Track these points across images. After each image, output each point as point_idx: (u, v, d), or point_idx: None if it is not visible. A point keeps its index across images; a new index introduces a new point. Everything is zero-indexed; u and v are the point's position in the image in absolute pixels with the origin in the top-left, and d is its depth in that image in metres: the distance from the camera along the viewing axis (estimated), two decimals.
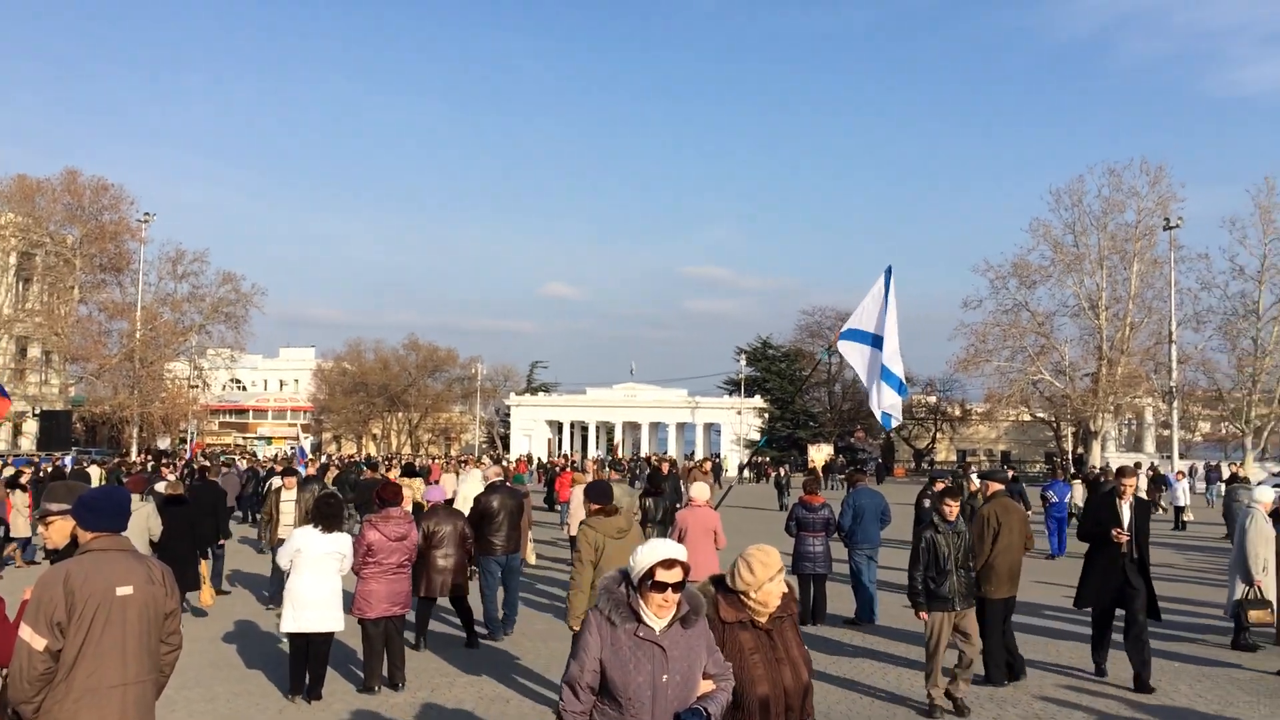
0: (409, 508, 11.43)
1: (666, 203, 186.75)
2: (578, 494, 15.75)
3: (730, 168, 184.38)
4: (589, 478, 19.01)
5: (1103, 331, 54.88)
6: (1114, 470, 9.43)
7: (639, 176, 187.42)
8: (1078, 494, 24.27)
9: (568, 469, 30.91)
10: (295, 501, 14.53)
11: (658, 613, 3.76)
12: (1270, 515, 11.16)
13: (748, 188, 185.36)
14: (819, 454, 65.51)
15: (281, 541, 12.09)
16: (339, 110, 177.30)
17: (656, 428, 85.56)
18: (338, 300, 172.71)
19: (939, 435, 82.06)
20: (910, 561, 8.70)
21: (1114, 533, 9.30)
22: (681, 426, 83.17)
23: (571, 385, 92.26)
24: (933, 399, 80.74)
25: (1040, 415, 66.38)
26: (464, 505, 13.61)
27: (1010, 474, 25.22)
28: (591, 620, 3.82)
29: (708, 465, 23.51)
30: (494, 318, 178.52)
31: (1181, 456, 51.22)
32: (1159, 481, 33.59)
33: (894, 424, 12.53)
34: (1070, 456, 60.87)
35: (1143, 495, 9.87)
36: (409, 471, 20.04)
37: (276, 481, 15.86)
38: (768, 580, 4.13)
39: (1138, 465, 27.61)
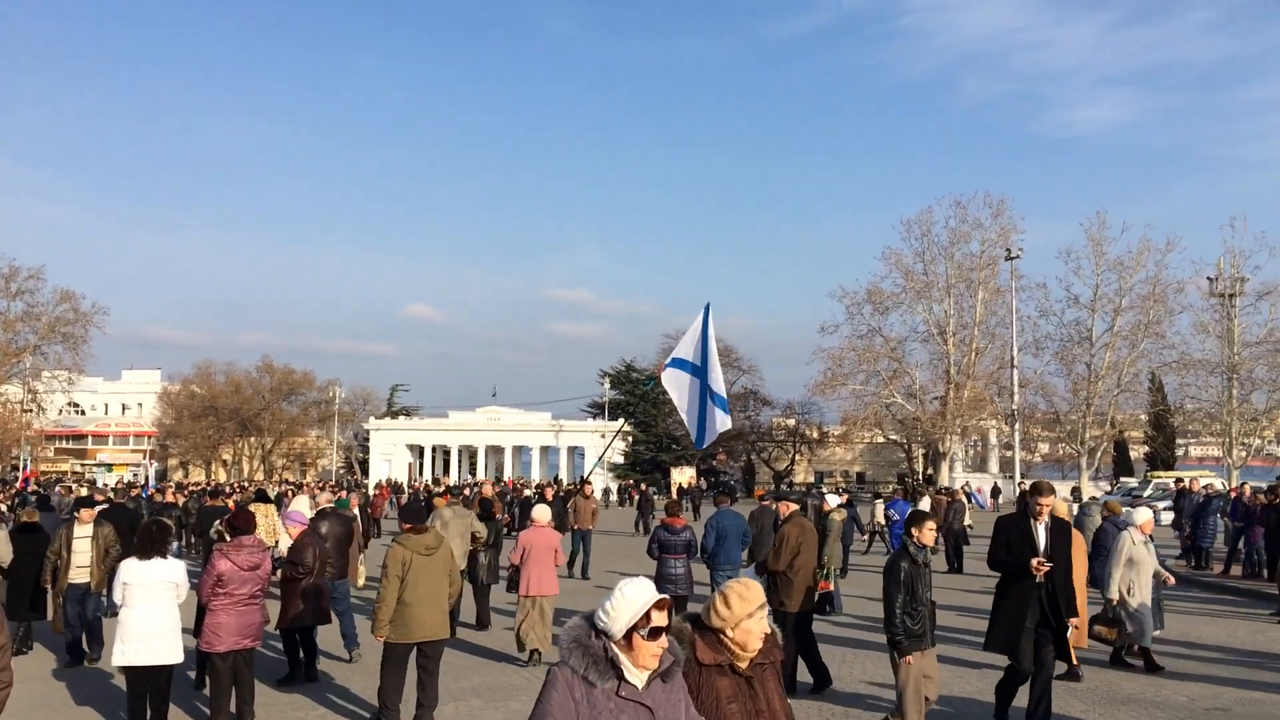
0: (263, 535, 11.06)
1: (530, 225, 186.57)
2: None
3: (594, 191, 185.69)
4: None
5: (950, 356, 57.19)
6: (1029, 486, 8.51)
7: (503, 198, 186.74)
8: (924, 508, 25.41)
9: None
10: (91, 538, 11.82)
11: (648, 664, 3.22)
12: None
13: (611, 211, 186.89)
14: (681, 476, 66.17)
15: (77, 587, 11.56)
16: (190, 125, 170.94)
17: (520, 451, 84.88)
18: (186, 321, 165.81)
19: (798, 457, 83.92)
20: (889, 597, 7.62)
21: (1034, 563, 7.99)
22: (545, 450, 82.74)
23: (433, 409, 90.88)
24: (792, 422, 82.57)
25: (893, 437, 68.58)
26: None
27: (846, 497, 26.12)
28: (558, 680, 3.21)
29: (590, 489, 23.54)
30: (354, 340, 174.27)
31: (1023, 476, 53.79)
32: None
33: (706, 443, 13.83)
34: (921, 477, 63.16)
35: (1063, 516, 9.09)
36: (261, 498, 19.35)
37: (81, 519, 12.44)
38: (746, 617, 3.73)
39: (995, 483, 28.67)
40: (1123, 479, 64.36)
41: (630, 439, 75.93)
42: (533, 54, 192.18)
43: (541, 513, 12.39)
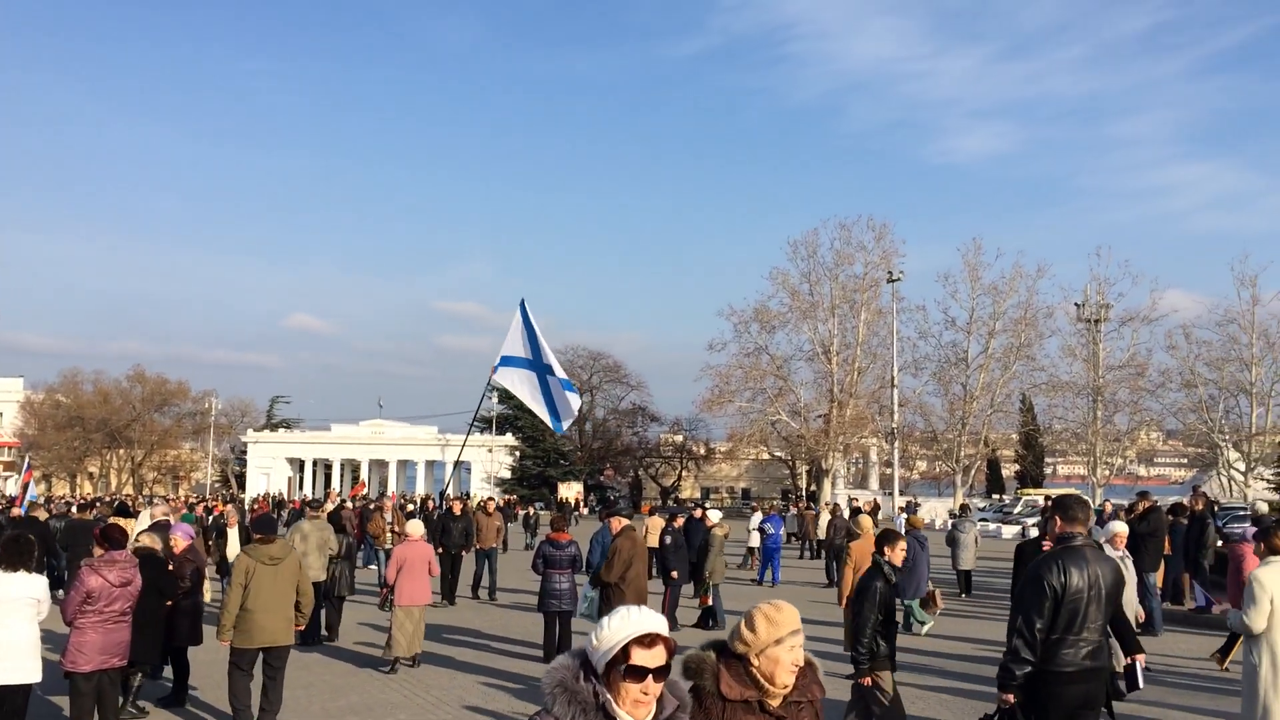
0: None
1: (420, 236, 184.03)
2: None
3: (486, 204, 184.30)
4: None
5: (834, 375, 58.49)
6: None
7: (393, 208, 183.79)
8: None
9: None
10: None
11: (632, 712, 2.68)
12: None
13: (503, 225, 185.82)
14: (569, 491, 66.05)
15: None
16: (60, 125, 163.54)
17: (405, 465, 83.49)
18: (52, 328, 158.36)
19: (684, 473, 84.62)
20: (861, 617, 7.43)
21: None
22: (431, 464, 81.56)
23: (316, 421, 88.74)
24: (679, 438, 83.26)
25: (778, 454, 69.72)
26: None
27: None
28: None
29: (492, 504, 23.22)
30: (233, 350, 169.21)
31: (901, 493, 55.34)
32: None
33: (565, 426, 15.11)
34: (804, 493, 64.39)
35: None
36: (122, 511, 18.55)
37: None
38: (773, 643, 3.20)
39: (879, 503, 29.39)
40: (995, 496, 66.87)
41: (517, 454, 75.44)
42: (426, 64, 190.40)
43: (415, 527, 12.99)
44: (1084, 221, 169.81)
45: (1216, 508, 26.58)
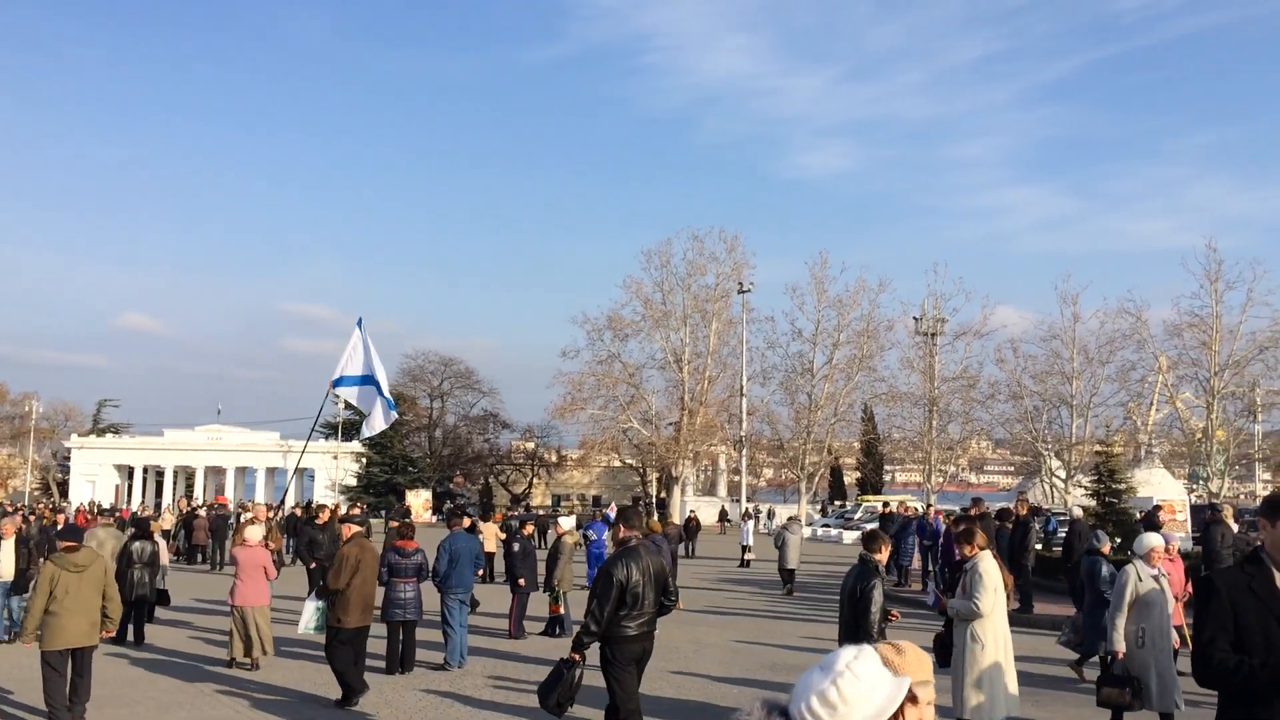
0: None
1: (265, 236, 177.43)
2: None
3: (334, 205, 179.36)
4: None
5: (685, 384, 59.25)
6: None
7: (237, 206, 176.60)
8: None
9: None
10: None
11: None
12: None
13: (353, 226, 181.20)
14: (417, 499, 64.82)
15: None
16: None
17: (243, 472, 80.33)
18: None
19: (536, 480, 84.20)
20: (872, 616, 7.65)
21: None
22: (272, 471, 78.72)
23: (148, 426, 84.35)
24: (531, 445, 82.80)
25: (629, 461, 70.15)
26: None
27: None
28: None
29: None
30: (58, 350, 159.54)
31: (749, 500, 56.48)
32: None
33: (366, 435, 16.89)
34: (655, 500, 64.98)
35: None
36: None
37: None
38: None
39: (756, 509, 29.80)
40: (837, 502, 69.00)
41: (364, 460, 73.62)
42: (273, 59, 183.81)
43: (253, 532, 13.68)
44: (922, 239, 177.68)
45: (1042, 512, 28.14)
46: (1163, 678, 8.71)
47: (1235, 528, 17.36)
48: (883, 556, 8.19)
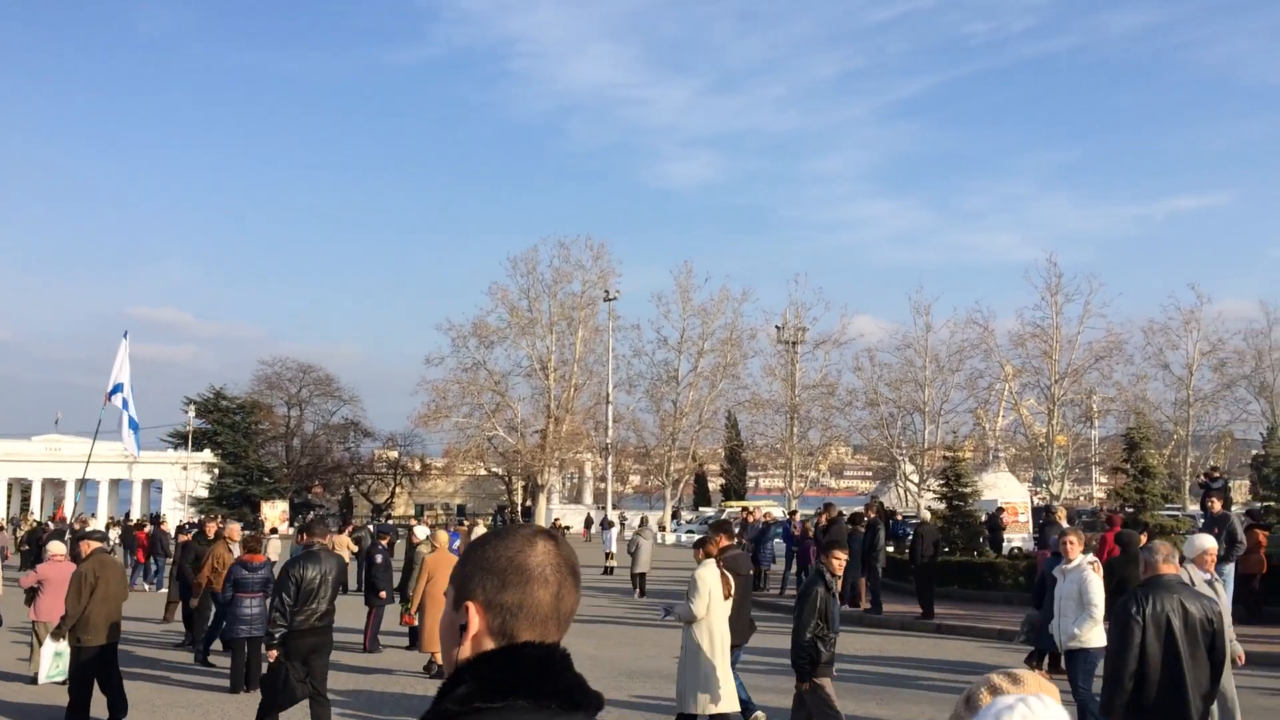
0: None
1: (112, 236, 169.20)
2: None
3: (188, 205, 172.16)
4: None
5: (551, 392, 59.06)
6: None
7: (81, 203, 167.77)
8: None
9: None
10: None
11: None
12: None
13: (210, 228, 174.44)
14: (273, 511, 62.74)
15: None
16: None
17: (85, 484, 76.12)
18: None
19: (398, 489, 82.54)
20: (802, 622, 7.67)
21: None
22: (116, 483, 74.99)
23: None
24: (394, 454, 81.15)
25: (494, 470, 69.50)
26: None
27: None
28: None
29: (238, 529, 21.28)
30: None
31: (614, 507, 56.65)
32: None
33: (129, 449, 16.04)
34: (520, 509, 64.55)
35: None
36: None
37: None
38: None
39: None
40: (701, 508, 69.89)
41: (216, 471, 70.87)
42: (122, 52, 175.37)
43: (56, 547, 13.10)
44: (784, 249, 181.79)
45: (898, 516, 29.08)
46: (1222, 697, 7.71)
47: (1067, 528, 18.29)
48: (833, 565, 8.06)
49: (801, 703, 7.94)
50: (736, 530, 22.02)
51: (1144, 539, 10.38)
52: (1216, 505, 15.22)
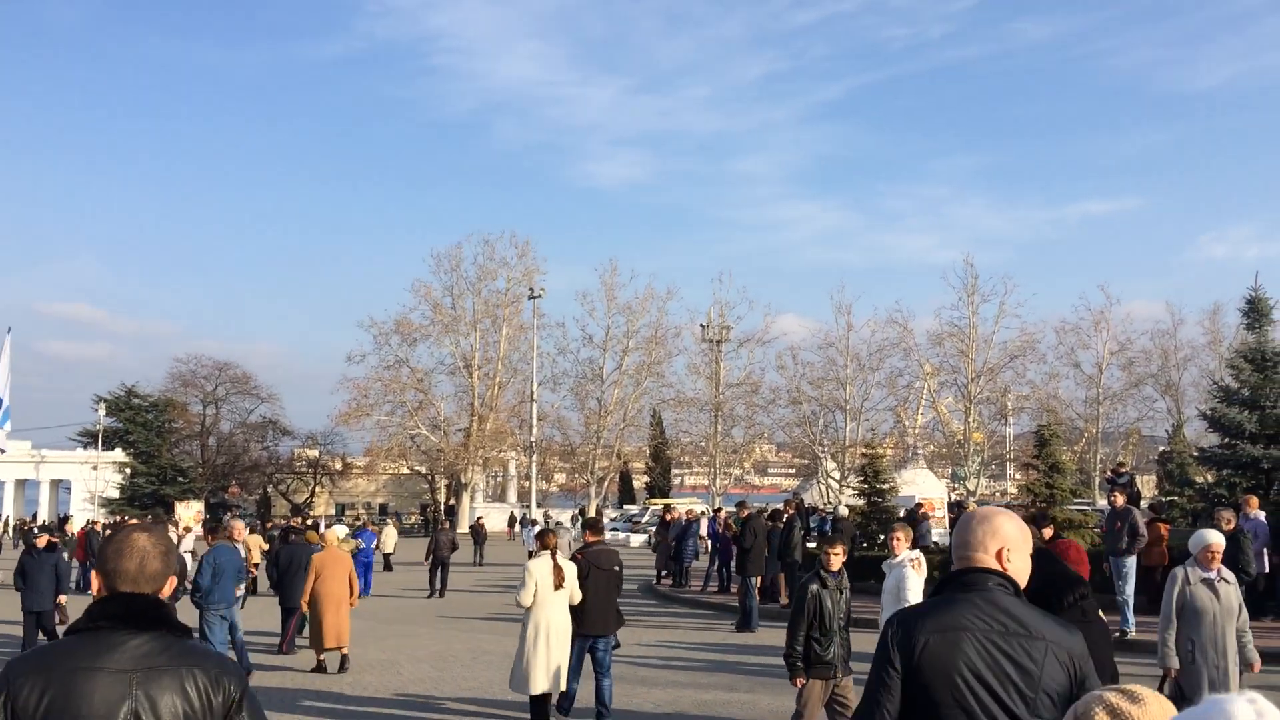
0: None
1: (17, 228, 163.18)
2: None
3: (97, 197, 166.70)
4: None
5: (475, 389, 58.72)
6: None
7: None
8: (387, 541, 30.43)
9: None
10: None
11: None
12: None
13: (122, 222, 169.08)
14: (188, 511, 61.22)
15: None
16: None
17: None
18: None
19: (319, 489, 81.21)
20: (792, 619, 7.64)
21: None
22: (23, 483, 72.61)
23: None
24: (314, 452, 79.83)
25: (417, 468, 68.83)
26: None
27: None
28: None
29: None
30: None
31: (539, 505, 56.46)
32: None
33: None
34: (444, 507, 63.95)
35: None
36: None
37: None
38: None
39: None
40: (626, 506, 70.00)
41: (128, 471, 68.97)
42: (24, 40, 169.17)
43: None
44: (709, 249, 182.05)
45: (817, 512, 29.43)
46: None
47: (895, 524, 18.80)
48: (830, 561, 7.87)
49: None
50: (654, 529, 22.11)
51: (1047, 533, 10.61)
52: (1120, 499, 15.67)
